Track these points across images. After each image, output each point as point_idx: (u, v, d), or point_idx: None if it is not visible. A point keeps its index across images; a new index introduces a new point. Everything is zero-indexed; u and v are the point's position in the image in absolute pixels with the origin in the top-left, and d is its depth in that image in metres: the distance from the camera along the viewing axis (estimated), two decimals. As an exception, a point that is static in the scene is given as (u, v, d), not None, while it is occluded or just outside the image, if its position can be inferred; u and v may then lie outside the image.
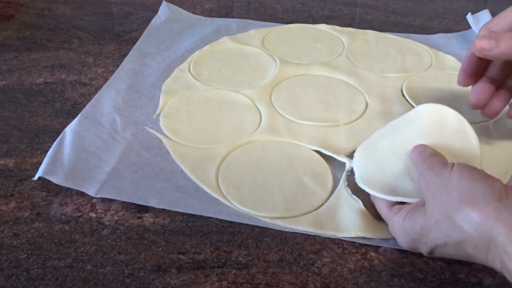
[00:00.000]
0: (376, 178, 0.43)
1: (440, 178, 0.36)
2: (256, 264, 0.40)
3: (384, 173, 0.43)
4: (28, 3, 0.80)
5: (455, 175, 0.35)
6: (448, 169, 0.36)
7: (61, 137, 0.50)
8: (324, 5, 0.82)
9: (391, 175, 0.42)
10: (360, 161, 0.45)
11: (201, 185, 0.47)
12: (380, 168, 0.43)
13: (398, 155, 0.43)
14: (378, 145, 0.46)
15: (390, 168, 0.43)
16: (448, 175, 0.36)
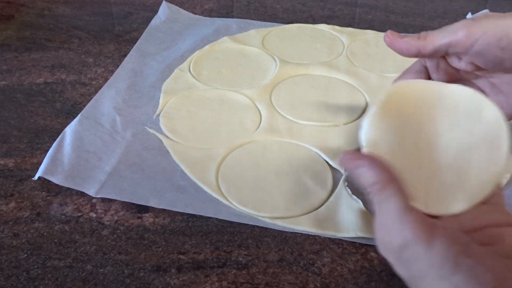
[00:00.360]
0: (384, 156, 0.36)
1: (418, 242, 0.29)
2: (256, 264, 0.40)
3: (396, 154, 0.36)
4: (28, 3, 0.80)
5: (438, 251, 0.28)
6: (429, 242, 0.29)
7: (61, 137, 0.50)
8: (324, 5, 0.82)
9: (402, 162, 0.36)
10: (378, 119, 0.37)
11: (201, 185, 0.47)
12: (393, 144, 0.36)
13: (418, 139, 0.37)
14: (403, 110, 0.37)
15: (404, 152, 0.36)
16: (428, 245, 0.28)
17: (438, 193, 0.36)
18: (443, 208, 0.35)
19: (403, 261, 0.29)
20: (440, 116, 0.37)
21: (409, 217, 0.30)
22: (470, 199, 0.35)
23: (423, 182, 0.36)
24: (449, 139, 0.37)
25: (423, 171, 0.36)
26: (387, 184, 0.32)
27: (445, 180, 0.36)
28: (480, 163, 0.36)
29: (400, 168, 0.35)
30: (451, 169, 0.36)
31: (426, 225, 0.29)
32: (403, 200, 0.31)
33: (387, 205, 0.31)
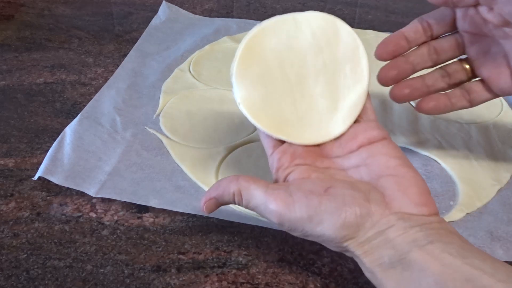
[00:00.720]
0: (260, 104, 0.38)
1: (293, 220, 0.34)
2: (256, 264, 0.40)
3: (270, 98, 0.38)
4: (28, 3, 0.80)
5: (304, 215, 0.34)
6: (291, 210, 0.34)
7: (61, 137, 0.50)
8: (324, 5, 0.82)
9: (278, 103, 0.38)
10: (242, 74, 0.39)
11: (201, 185, 0.47)
12: (265, 90, 0.38)
13: (287, 76, 0.38)
14: (264, 55, 0.38)
15: (277, 93, 0.38)
16: (296, 215, 0.34)
17: (318, 121, 0.38)
18: (325, 135, 0.39)
19: (288, 230, 0.35)
20: (301, 46, 0.39)
21: (270, 197, 0.34)
22: (345, 119, 0.38)
23: (302, 115, 0.38)
24: (315, 66, 0.39)
25: (300, 104, 0.38)
26: (237, 186, 0.36)
27: (321, 107, 0.39)
28: (347, 83, 0.39)
29: (277, 109, 0.38)
30: (324, 95, 0.39)
31: (284, 196, 0.34)
32: (258, 187, 0.35)
33: (252, 199, 0.35)
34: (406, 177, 0.34)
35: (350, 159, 0.37)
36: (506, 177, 0.48)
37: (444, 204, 0.46)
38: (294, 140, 0.38)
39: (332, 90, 0.38)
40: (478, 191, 0.47)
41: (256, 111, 0.38)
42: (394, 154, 0.36)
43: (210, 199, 0.37)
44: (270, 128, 0.38)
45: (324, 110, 0.38)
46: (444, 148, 0.52)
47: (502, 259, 0.40)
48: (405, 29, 0.43)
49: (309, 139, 0.38)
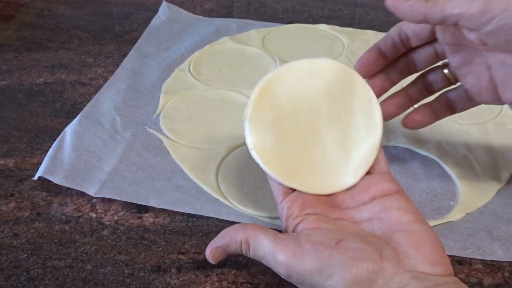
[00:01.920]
0: (273, 150, 0.37)
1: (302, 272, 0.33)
2: (256, 264, 0.40)
3: (283, 145, 0.37)
4: (28, 3, 0.80)
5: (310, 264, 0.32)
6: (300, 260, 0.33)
7: (61, 137, 0.50)
8: (324, 5, 0.82)
9: (290, 150, 0.37)
10: (255, 119, 0.37)
11: (201, 185, 0.47)
12: (278, 136, 0.37)
13: (301, 123, 0.38)
14: (277, 101, 0.38)
15: (290, 140, 0.38)
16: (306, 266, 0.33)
17: (329, 171, 0.38)
18: (336, 185, 0.38)
19: (296, 282, 0.34)
20: (316, 94, 0.38)
21: (279, 247, 0.33)
22: (357, 171, 0.38)
23: (314, 163, 0.38)
24: (329, 115, 0.38)
25: (312, 152, 0.38)
26: (245, 235, 0.35)
27: (333, 156, 0.38)
28: (360, 134, 0.38)
29: (289, 156, 0.37)
30: (336, 145, 0.38)
31: (293, 247, 0.33)
32: (266, 236, 0.34)
33: (259, 248, 0.34)
34: (420, 233, 0.33)
35: (363, 212, 0.36)
36: (506, 177, 0.48)
37: (444, 204, 0.46)
38: (305, 189, 0.37)
39: (345, 139, 0.38)
40: (478, 191, 0.47)
41: (268, 157, 0.37)
42: (408, 208, 0.35)
43: (217, 248, 0.37)
44: (281, 176, 0.37)
45: (336, 160, 0.38)
46: (444, 148, 0.52)
47: (502, 259, 0.40)
48: (382, 43, 0.42)
49: (320, 188, 0.38)
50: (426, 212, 0.45)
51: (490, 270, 0.40)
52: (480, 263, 0.40)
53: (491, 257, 0.41)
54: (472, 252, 0.41)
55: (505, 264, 0.40)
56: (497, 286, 0.39)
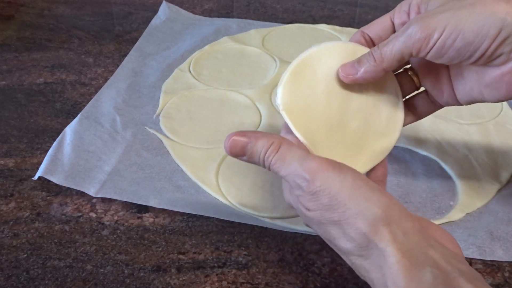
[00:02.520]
0: (301, 115, 0.37)
1: (330, 179, 0.31)
2: (256, 264, 0.40)
3: (310, 116, 0.37)
4: (28, 3, 0.80)
5: (349, 180, 0.31)
6: (336, 169, 0.32)
7: (61, 137, 0.50)
8: (324, 5, 0.82)
9: (316, 124, 0.37)
10: (289, 86, 0.38)
11: (201, 185, 0.47)
12: (308, 106, 0.38)
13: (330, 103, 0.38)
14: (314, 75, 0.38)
15: (317, 114, 0.38)
16: (340, 177, 0.31)
17: (342, 156, 0.37)
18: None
19: (316, 190, 0.31)
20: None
21: (313, 156, 0.32)
22: (365, 164, 0.38)
23: (332, 144, 0.38)
24: (357, 102, 0.38)
25: (334, 133, 0.38)
26: (280, 142, 0.34)
27: (349, 143, 0.38)
28: (379, 129, 0.38)
29: (313, 129, 0.37)
30: (355, 134, 0.38)
31: (331, 160, 0.32)
32: (301, 149, 0.33)
33: (289, 156, 0.33)
34: (436, 224, 0.33)
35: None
36: (506, 177, 0.48)
37: (444, 204, 0.46)
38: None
39: (364, 132, 0.38)
40: (478, 191, 0.47)
41: (297, 122, 0.37)
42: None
43: (243, 136, 0.35)
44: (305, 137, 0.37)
45: (351, 148, 0.38)
46: (444, 148, 0.52)
47: (502, 259, 0.40)
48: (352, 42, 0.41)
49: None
50: (426, 212, 0.45)
51: (490, 270, 0.40)
52: (480, 263, 0.40)
53: (491, 257, 0.41)
54: (472, 252, 0.41)
55: (505, 264, 0.40)
56: (497, 286, 0.39)
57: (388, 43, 0.35)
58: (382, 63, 0.35)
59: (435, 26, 0.33)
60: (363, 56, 0.36)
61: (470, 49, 0.33)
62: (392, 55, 0.35)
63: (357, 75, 0.36)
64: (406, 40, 0.34)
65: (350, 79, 0.36)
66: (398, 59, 0.35)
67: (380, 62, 0.35)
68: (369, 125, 0.38)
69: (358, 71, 0.36)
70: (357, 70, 0.36)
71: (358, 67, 0.36)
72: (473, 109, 0.57)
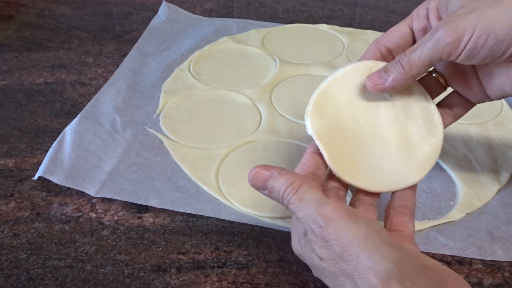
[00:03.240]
0: (334, 145, 0.37)
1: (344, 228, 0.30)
2: (256, 264, 0.40)
3: (343, 142, 0.37)
4: (28, 3, 0.80)
5: (362, 232, 0.30)
6: (350, 218, 0.31)
7: (61, 136, 0.50)
8: (324, 5, 0.82)
9: (350, 147, 0.37)
10: (316, 114, 0.38)
11: (201, 185, 0.47)
12: (338, 133, 0.37)
13: (360, 124, 0.38)
14: (337, 101, 0.38)
15: (350, 137, 0.37)
16: (353, 227, 0.30)
17: (391, 169, 0.37)
18: (398, 183, 0.38)
19: (329, 238, 0.30)
20: (374, 97, 0.38)
21: (330, 201, 0.32)
22: (420, 170, 0.38)
23: (375, 161, 0.37)
24: (388, 117, 0.38)
25: (372, 151, 0.38)
26: (301, 182, 0.33)
27: (394, 155, 0.38)
28: (421, 134, 0.38)
29: (349, 153, 0.37)
30: (398, 144, 0.38)
31: (348, 207, 0.32)
32: (320, 192, 0.33)
33: (306, 198, 0.32)
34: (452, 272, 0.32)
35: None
36: (506, 177, 0.48)
37: (444, 204, 0.46)
38: (365, 186, 0.37)
39: (406, 139, 0.38)
40: (478, 191, 0.47)
41: (331, 151, 0.36)
42: (432, 259, 0.33)
43: (267, 170, 0.34)
44: (341, 172, 0.36)
45: (399, 158, 0.37)
46: (444, 148, 0.52)
47: (502, 259, 0.40)
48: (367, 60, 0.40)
49: (381, 186, 0.37)
50: (426, 212, 0.45)
51: (490, 270, 0.40)
52: (480, 263, 0.40)
53: (491, 257, 0.41)
54: (472, 252, 0.41)
55: (505, 264, 0.40)
56: (497, 286, 0.39)
57: (415, 49, 0.35)
58: (411, 70, 0.35)
59: (463, 28, 0.33)
60: (390, 65, 0.36)
61: (502, 46, 0.33)
62: (421, 61, 0.34)
63: (385, 84, 0.36)
64: (434, 45, 0.34)
65: (379, 89, 0.36)
66: (427, 65, 0.35)
67: (409, 69, 0.35)
68: (408, 133, 0.38)
69: (386, 80, 0.36)
70: (385, 79, 0.36)
71: (385, 76, 0.36)
72: (473, 109, 0.57)
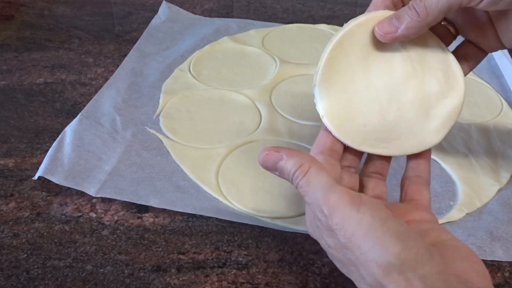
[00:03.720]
0: (345, 116, 0.35)
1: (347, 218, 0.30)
2: (256, 264, 0.40)
3: (355, 108, 0.36)
4: (28, 3, 0.80)
5: (365, 221, 0.29)
6: (354, 207, 0.30)
7: (61, 136, 0.50)
8: (324, 5, 0.82)
9: (364, 113, 0.36)
10: (325, 85, 0.36)
11: (201, 185, 0.47)
12: (350, 100, 0.36)
13: (373, 83, 0.36)
14: (348, 62, 0.36)
15: (363, 102, 0.36)
16: (357, 217, 0.30)
17: (408, 131, 0.36)
18: (417, 145, 0.36)
19: (333, 228, 0.30)
20: (387, 51, 0.36)
21: (336, 188, 0.31)
22: (439, 130, 0.36)
23: (391, 125, 0.36)
24: (404, 71, 0.36)
25: (388, 113, 0.36)
26: (309, 165, 0.32)
27: (411, 116, 0.36)
28: (440, 89, 0.36)
29: (363, 120, 0.35)
30: (414, 103, 0.36)
31: (353, 194, 0.31)
32: (327, 176, 0.32)
33: (314, 182, 0.32)
34: (463, 248, 0.31)
35: None
36: (506, 177, 0.48)
37: (444, 204, 0.46)
38: (381, 152, 0.36)
39: (423, 97, 0.36)
40: (478, 191, 0.47)
41: (340, 123, 0.35)
42: (446, 231, 0.33)
43: (277, 152, 0.34)
44: (355, 142, 0.35)
45: (415, 119, 0.36)
46: (444, 148, 0.52)
47: (502, 259, 0.40)
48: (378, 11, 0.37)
49: (398, 149, 0.36)
50: (426, 212, 0.45)
51: (490, 270, 0.40)
52: (480, 263, 0.40)
53: (491, 257, 0.41)
54: (472, 252, 0.41)
55: (505, 264, 0.40)
56: (497, 286, 0.39)
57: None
58: (427, 17, 0.32)
59: None
60: (403, 11, 0.33)
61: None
62: (439, 7, 0.32)
63: (397, 33, 0.33)
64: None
65: (389, 38, 0.34)
66: (445, 11, 0.32)
67: (425, 16, 0.32)
68: (426, 90, 0.35)
69: (397, 28, 0.33)
70: (397, 27, 0.33)
71: (397, 23, 0.33)
72: (473, 109, 0.57)
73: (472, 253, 0.31)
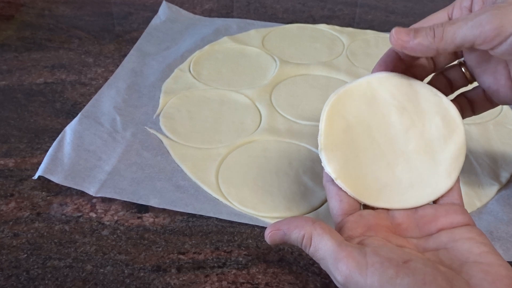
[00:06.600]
0: (356, 175, 0.36)
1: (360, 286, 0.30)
2: (256, 264, 0.40)
3: (364, 166, 0.36)
4: (28, 3, 0.80)
5: (373, 278, 0.30)
6: (362, 276, 0.30)
7: (61, 136, 0.50)
8: (324, 5, 0.82)
9: (373, 170, 0.36)
10: (330, 148, 0.36)
11: (201, 185, 0.47)
12: (357, 159, 0.36)
13: (376, 140, 0.37)
14: (347, 123, 0.37)
15: (370, 159, 0.36)
16: (367, 285, 0.30)
17: (419, 181, 0.36)
18: (431, 193, 0.36)
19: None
20: (383, 108, 0.37)
21: (341, 254, 0.31)
22: (450, 173, 0.36)
23: (401, 178, 0.36)
24: (403, 124, 0.37)
25: (395, 166, 0.37)
26: (311, 232, 0.33)
27: (419, 164, 0.37)
28: (441, 134, 0.37)
29: (373, 176, 0.36)
30: (419, 152, 0.37)
31: (357, 257, 0.31)
32: (331, 239, 0.32)
33: (321, 249, 0.33)
34: (494, 265, 0.30)
35: (428, 241, 0.33)
36: (506, 177, 0.48)
37: (444, 204, 0.46)
38: (397, 206, 0.36)
39: (427, 145, 0.36)
40: (478, 191, 0.47)
41: (353, 183, 0.36)
42: (480, 239, 0.32)
43: (279, 230, 0.35)
44: (370, 199, 0.36)
45: (424, 168, 0.36)
46: (444, 148, 0.52)
47: (502, 259, 0.40)
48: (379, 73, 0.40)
49: (416, 201, 0.36)
50: (426, 212, 0.45)
51: (490, 270, 0.40)
52: (480, 263, 0.40)
53: (491, 257, 0.41)
54: (472, 252, 0.41)
55: (505, 264, 0.40)
56: (497, 286, 0.39)
57: (454, 23, 0.32)
58: (440, 42, 0.33)
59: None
60: (422, 28, 0.34)
61: None
62: (454, 37, 0.32)
63: (409, 44, 0.34)
64: (475, 25, 0.31)
65: (400, 44, 0.34)
66: (458, 45, 0.33)
67: (438, 41, 0.33)
68: (428, 137, 0.37)
69: (411, 40, 0.34)
70: (411, 39, 0.34)
71: (413, 36, 0.34)
72: (473, 109, 0.57)
73: (503, 274, 0.30)
